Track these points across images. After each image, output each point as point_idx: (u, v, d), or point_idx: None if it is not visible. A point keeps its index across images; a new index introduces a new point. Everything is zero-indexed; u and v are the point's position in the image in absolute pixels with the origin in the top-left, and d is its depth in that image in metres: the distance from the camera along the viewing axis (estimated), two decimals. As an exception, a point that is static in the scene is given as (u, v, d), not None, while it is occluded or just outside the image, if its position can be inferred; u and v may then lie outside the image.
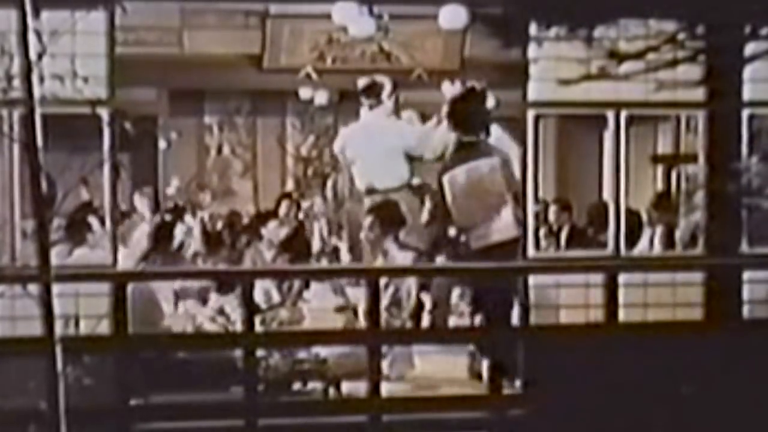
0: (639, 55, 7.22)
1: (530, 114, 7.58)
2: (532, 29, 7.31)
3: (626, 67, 7.34)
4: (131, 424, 7.04)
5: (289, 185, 14.42)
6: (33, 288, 5.19)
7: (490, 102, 8.88)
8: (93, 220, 7.90)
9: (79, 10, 6.53)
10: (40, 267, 4.94)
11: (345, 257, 9.61)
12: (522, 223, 7.63)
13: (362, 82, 9.30)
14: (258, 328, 7.60)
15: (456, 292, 9.47)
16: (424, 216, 9.20)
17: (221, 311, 8.43)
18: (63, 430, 4.90)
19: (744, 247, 7.74)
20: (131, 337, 7.14)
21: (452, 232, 9.05)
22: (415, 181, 9.27)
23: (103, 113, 6.81)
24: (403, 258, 8.52)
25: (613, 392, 7.20)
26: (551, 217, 10.91)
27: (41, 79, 4.94)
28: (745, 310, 7.77)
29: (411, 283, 8.42)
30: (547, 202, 10.70)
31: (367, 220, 8.63)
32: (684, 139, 10.28)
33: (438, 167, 8.56)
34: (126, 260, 8.18)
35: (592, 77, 7.40)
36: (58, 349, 4.89)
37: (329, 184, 13.11)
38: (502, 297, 7.70)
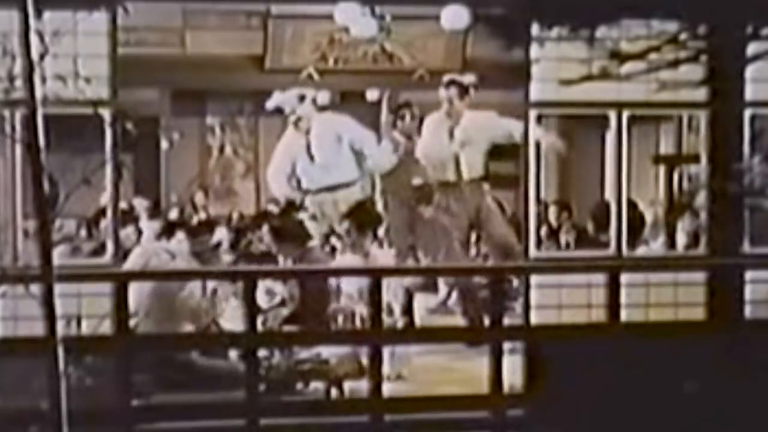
0: (641, 56, 7.21)
1: (532, 114, 7.59)
2: (534, 30, 7.31)
3: (628, 67, 7.33)
4: (133, 424, 7.04)
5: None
6: (35, 288, 5.19)
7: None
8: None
9: (81, 11, 6.54)
10: (42, 267, 4.94)
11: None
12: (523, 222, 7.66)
13: None
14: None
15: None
16: None
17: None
18: (65, 430, 4.90)
19: (746, 247, 7.75)
20: (133, 337, 7.15)
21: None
22: None
23: (106, 114, 6.82)
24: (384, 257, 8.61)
25: (614, 392, 7.20)
26: (551, 217, 10.91)
27: (43, 80, 4.94)
28: (748, 310, 7.77)
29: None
30: (546, 202, 10.69)
31: (344, 225, 8.74)
32: (686, 140, 10.27)
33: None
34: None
35: (594, 77, 7.39)
36: (60, 350, 4.88)
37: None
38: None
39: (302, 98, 9.68)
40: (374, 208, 8.99)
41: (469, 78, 9.51)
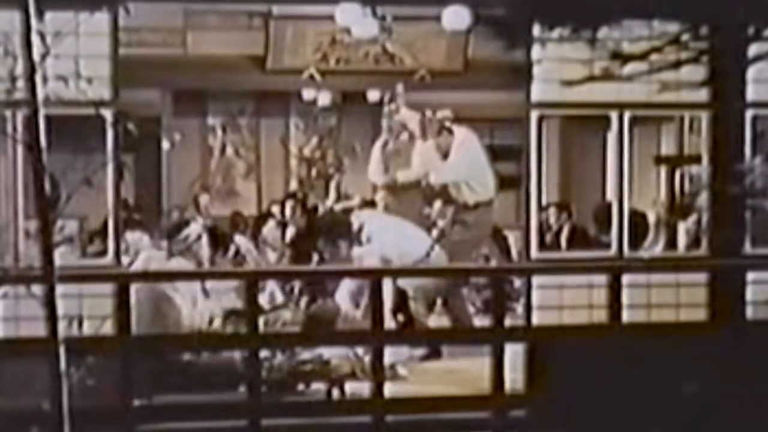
0: (642, 56, 7.20)
1: (534, 115, 7.59)
2: (536, 30, 7.30)
3: (630, 68, 7.33)
4: (134, 424, 7.05)
5: (293, 186, 14.42)
6: (37, 289, 5.19)
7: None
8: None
9: (82, 12, 6.54)
10: (43, 268, 4.94)
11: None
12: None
13: None
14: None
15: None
16: None
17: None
18: (66, 430, 4.90)
19: (747, 248, 7.74)
20: (134, 338, 7.16)
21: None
22: None
23: (107, 114, 6.83)
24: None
25: (616, 392, 7.20)
26: (551, 218, 10.90)
27: (45, 80, 4.94)
28: (749, 311, 7.77)
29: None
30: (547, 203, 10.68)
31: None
32: (688, 140, 10.27)
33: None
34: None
35: (596, 78, 7.39)
36: (62, 350, 4.89)
37: (332, 185, 13.13)
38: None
39: None
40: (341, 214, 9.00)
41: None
